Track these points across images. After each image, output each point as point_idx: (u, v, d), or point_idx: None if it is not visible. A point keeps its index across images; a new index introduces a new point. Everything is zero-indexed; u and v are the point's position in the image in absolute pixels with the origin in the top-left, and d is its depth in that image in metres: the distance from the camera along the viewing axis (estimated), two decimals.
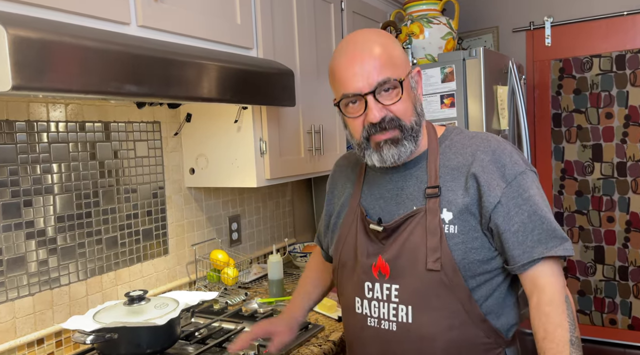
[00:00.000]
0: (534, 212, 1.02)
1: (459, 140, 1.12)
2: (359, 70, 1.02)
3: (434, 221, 1.04)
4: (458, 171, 1.07)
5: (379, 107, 1.03)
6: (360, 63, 1.02)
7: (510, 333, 1.10)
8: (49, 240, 1.47)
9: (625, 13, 3.10)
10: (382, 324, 1.09)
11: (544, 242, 1.01)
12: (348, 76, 1.03)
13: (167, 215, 1.85)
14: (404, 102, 1.04)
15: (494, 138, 1.11)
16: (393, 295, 1.08)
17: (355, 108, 1.06)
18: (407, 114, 1.05)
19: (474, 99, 2.26)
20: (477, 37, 3.51)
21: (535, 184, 1.06)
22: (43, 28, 0.97)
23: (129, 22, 1.26)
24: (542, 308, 1.00)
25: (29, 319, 1.42)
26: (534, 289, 1.02)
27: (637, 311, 3.24)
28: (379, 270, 1.10)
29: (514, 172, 1.04)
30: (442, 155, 1.11)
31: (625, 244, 3.25)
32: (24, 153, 1.41)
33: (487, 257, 1.04)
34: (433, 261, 1.03)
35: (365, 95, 1.02)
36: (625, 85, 3.16)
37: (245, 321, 1.61)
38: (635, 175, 3.19)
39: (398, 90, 1.03)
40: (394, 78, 1.02)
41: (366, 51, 1.02)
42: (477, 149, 1.08)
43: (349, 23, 2.31)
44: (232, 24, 1.61)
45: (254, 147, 1.73)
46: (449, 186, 1.06)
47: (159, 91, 1.19)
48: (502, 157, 1.06)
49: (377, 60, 1.02)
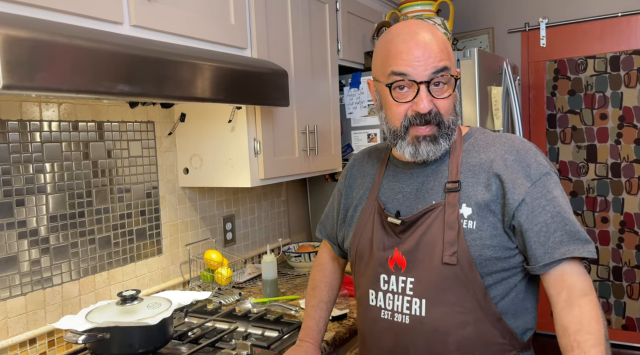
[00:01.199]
0: (557, 213, 1.01)
1: (482, 139, 1.13)
2: (420, 55, 1.00)
3: (453, 215, 1.04)
4: (480, 168, 1.07)
5: (429, 98, 1.02)
6: (423, 49, 1.01)
7: (526, 336, 1.09)
8: (41, 240, 1.46)
9: (620, 14, 3.11)
10: (396, 316, 1.09)
11: (567, 243, 1.00)
12: (407, 59, 1.01)
13: (160, 215, 1.85)
14: (450, 99, 1.05)
15: (519, 139, 1.11)
16: (408, 288, 1.08)
17: (403, 94, 1.03)
18: (449, 111, 1.05)
19: (469, 100, 2.27)
20: (472, 38, 3.52)
21: (558, 186, 1.05)
22: (35, 27, 0.97)
23: (121, 21, 1.26)
24: (576, 301, 0.99)
25: (21, 319, 1.42)
26: (563, 285, 1.00)
27: (631, 311, 3.25)
28: (395, 263, 1.10)
29: (538, 172, 1.04)
30: (465, 152, 1.11)
31: (620, 244, 3.26)
32: (16, 152, 1.40)
33: (504, 255, 1.04)
34: (449, 255, 1.03)
35: (420, 83, 1.01)
36: (620, 87, 3.18)
37: (239, 321, 1.61)
38: (630, 176, 3.20)
39: (450, 86, 1.04)
40: (450, 72, 1.03)
41: (427, 39, 1.01)
42: (501, 148, 1.08)
43: (344, 23, 2.32)
44: (226, 24, 1.61)
45: (248, 147, 1.73)
46: (469, 182, 1.06)
47: (151, 91, 1.19)
48: (527, 157, 1.06)
49: (437, 50, 1.01)
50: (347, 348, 1.63)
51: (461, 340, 1.04)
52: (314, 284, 1.38)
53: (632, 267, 3.23)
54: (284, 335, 1.49)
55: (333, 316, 1.63)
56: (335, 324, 1.60)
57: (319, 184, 2.62)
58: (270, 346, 1.41)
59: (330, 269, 1.39)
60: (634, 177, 3.19)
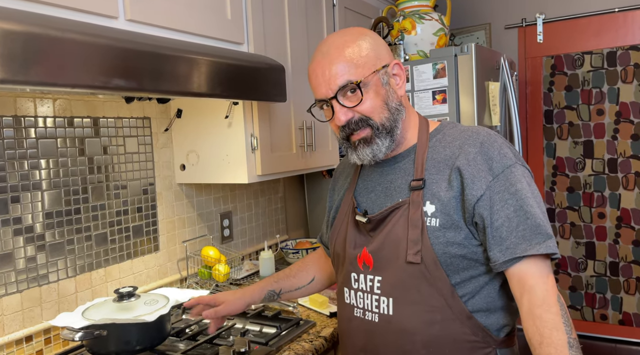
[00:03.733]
0: (519, 207, 0.99)
1: (450, 133, 1.11)
2: (321, 77, 1.06)
3: (417, 213, 1.04)
4: (444, 164, 1.06)
5: (344, 110, 1.05)
6: (321, 70, 1.06)
7: (502, 333, 1.07)
8: (37, 237, 1.45)
9: (617, 10, 3.11)
10: (367, 315, 1.10)
11: (528, 239, 0.97)
12: (315, 83, 1.08)
13: (157, 212, 1.84)
14: (370, 100, 1.05)
15: (485, 131, 1.09)
16: (375, 286, 1.09)
17: (327, 111, 1.10)
18: (375, 112, 1.06)
19: (466, 95, 2.26)
20: (469, 33, 3.51)
21: (525, 178, 1.02)
22: (28, 21, 0.96)
23: (116, 16, 1.25)
24: (535, 311, 0.95)
25: (17, 316, 1.40)
26: (523, 291, 0.98)
27: (628, 306, 3.26)
28: (363, 261, 1.11)
29: (501, 165, 1.02)
30: (431, 148, 1.10)
31: (616, 239, 3.27)
32: (11, 149, 1.39)
33: (470, 252, 1.02)
34: (413, 254, 1.02)
35: (330, 100, 1.06)
36: (617, 82, 3.18)
37: (237, 318, 1.60)
38: (626, 171, 3.21)
39: (358, 92, 1.05)
40: (352, 81, 1.04)
41: (326, 58, 1.06)
42: (465, 142, 1.07)
43: (341, 19, 2.30)
44: (223, 19, 1.60)
45: (245, 143, 1.72)
46: (433, 179, 1.06)
47: (147, 86, 1.18)
48: (490, 150, 1.04)
49: (337, 65, 1.04)
50: None
51: (429, 339, 1.03)
52: (301, 261, 1.44)
53: (629, 263, 3.23)
54: (281, 331, 1.49)
55: (331, 312, 1.63)
56: (333, 320, 1.60)
57: (316, 180, 2.61)
58: (268, 342, 1.41)
59: (312, 261, 1.43)
60: (631, 173, 3.19)
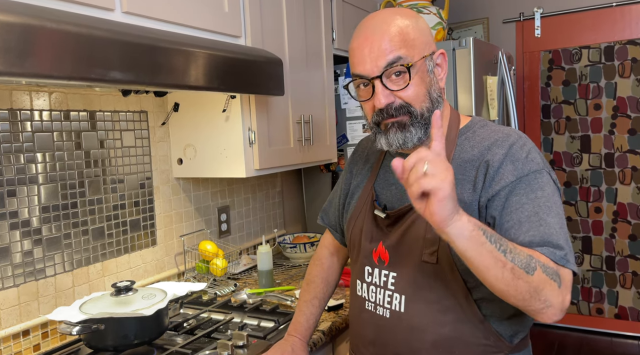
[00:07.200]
0: (535, 213, 0.93)
1: (480, 133, 1.06)
2: (367, 52, 0.99)
3: None
4: (470, 164, 1.02)
5: (386, 93, 0.99)
6: (370, 45, 0.99)
7: (516, 339, 1.05)
8: (33, 231, 1.44)
9: (614, 4, 3.11)
10: (378, 309, 1.10)
11: (535, 245, 0.90)
12: (358, 58, 1.01)
13: (154, 206, 1.83)
14: (415, 86, 1.00)
15: (516, 134, 1.04)
16: (390, 282, 1.08)
17: (364, 91, 1.03)
18: (418, 99, 1.01)
19: (464, 89, 2.26)
20: (467, 28, 3.50)
21: (549, 186, 0.96)
22: (24, 12, 0.95)
23: (113, 8, 1.24)
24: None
25: (14, 310, 1.40)
26: None
27: (624, 300, 3.28)
28: (379, 256, 1.10)
29: (527, 168, 0.97)
30: (459, 146, 1.06)
31: (612, 234, 3.28)
32: (7, 142, 1.38)
33: None
34: (430, 254, 1.01)
35: (372, 79, 0.99)
36: (614, 77, 3.18)
37: (235, 312, 1.60)
38: (623, 166, 3.22)
39: (406, 76, 0.99)
40: (402, 62, 0.98)
41: (377, 33, 0.99)
42: (494, 143, 1.02)
43: (339, 12, 2.29)
44: (220, 12, 1.58)
45: (242, 137, 1.71)
46: (458, 179, 1.00)
47: (144, 78, 1.17)
48: (518, 153, 0.99)
49: (387, 42, 0.98)
50: (343, 338, 1.63)
51: (439, 338, 1.02)
52: (310, 278, 1.37)
53: (625, 257, 3.25)
54: (280, 325, 1.48)
55: (329, 306, 1.63)
56: (331, 314, 1.60)
57: (314, 174, 2.60)
58: (266, 336, 1.41)
59: (328, 264, 1.38)
60: (627, 167, 3.20)
